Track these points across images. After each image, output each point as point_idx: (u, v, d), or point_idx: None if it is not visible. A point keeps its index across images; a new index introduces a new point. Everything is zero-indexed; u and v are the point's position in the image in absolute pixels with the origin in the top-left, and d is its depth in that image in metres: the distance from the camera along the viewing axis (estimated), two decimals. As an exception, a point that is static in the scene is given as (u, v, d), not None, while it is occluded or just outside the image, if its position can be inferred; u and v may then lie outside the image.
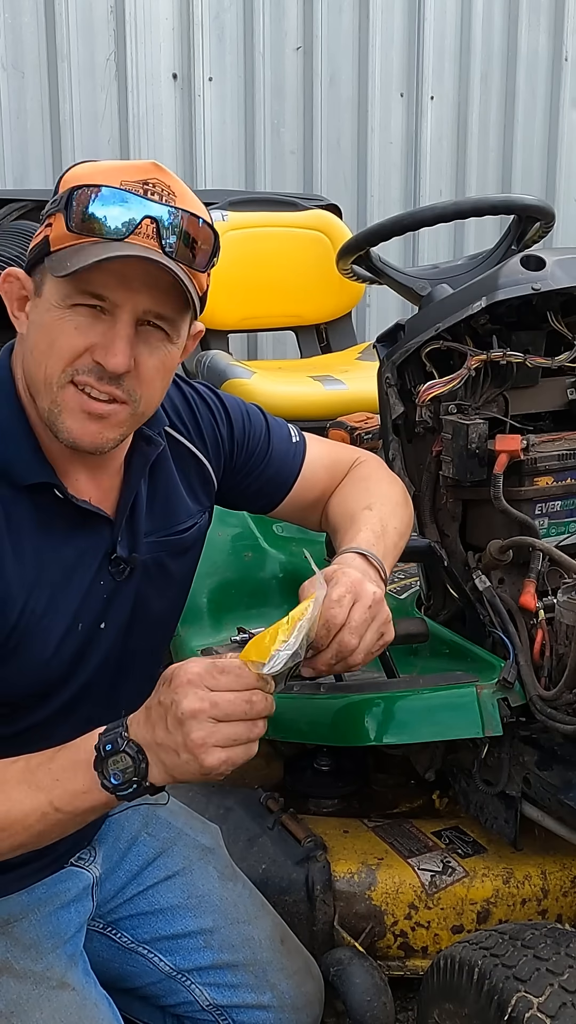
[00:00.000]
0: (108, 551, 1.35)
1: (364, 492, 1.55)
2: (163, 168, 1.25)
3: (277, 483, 1.60)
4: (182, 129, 3.65)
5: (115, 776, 1.15)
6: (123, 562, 1.36)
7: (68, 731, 1.24)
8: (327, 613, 1.24)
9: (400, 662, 1.79)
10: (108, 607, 1.37)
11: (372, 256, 1.99)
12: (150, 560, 1.41)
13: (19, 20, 3.33)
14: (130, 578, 1.38)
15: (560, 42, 4.40)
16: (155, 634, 1.48)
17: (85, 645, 1.35)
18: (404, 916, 1.83)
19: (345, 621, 1.24)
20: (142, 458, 1.39)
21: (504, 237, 2.03)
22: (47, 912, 1.47)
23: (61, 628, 1.31)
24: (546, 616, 1.66)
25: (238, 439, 1.54)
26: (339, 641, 1.25)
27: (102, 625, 1.37)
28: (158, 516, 1.43)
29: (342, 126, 3.98)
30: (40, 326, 1.24)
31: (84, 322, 1.21)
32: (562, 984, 1.32)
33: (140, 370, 1.25)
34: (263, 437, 1.57)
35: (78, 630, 1.34)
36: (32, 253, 1.26)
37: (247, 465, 1.56)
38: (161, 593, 1.45)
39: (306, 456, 1.61)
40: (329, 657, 1.25)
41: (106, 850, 1.59)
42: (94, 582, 1.34)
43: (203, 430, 1.51)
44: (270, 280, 3.13)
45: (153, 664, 1.49)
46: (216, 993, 1.57)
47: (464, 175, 4.33)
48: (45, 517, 1.29)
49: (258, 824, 1.91)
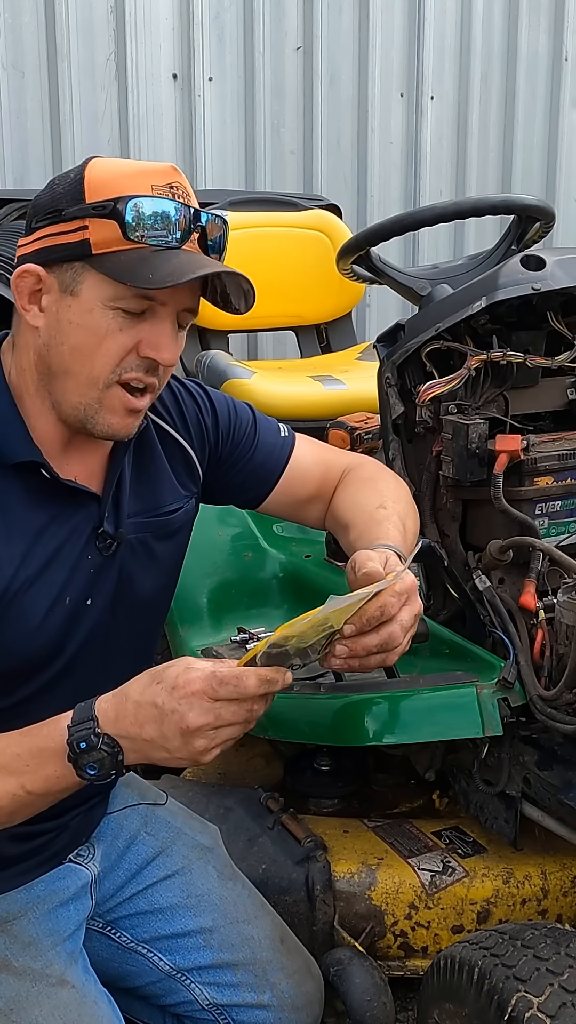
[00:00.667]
0: (95, 526, 1.39)
1: (374, 491, 1.56)
2: (179, 170, 1.32)
3: (263, 474, 1.62)
4: (182, 129, 3.65)
5: (91, 767, 1.20)
6: (109, 537, 1.40)
7: (54, 707, 1.26)
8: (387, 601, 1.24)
9: (400, 662, 1.77)
10: (94, 583, 1.40)
11: (372, 256, 1.99)
12: (136, 540, 1.45)
13: (19, 20, 3.33)
14: (116, 554, 1.42)
15: (560, 42, 4.40)
16: (141, 614, 1.50)
17: (71, 620, 1.38)
18: (404, 916, 1.83)
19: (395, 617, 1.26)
20: None
21: (504, 237, 2.03)
22: (46, 910, 1.47)
23: (47, 602, 1.34)
24: (546, 616, 1.66)
25: (223, 429, 1.58)
26: (389, 632, 1.26)
27: (88, 601, 1.40)
28: (144, 497, 1.47)
29: (342, 126, 3.98)
30: (80, 326, 1.28)
31: (127, 321, 1.28)
32: (562, 984, 1.32)
33: None
34: (249, 428, 1.61)
35: (65, 604, 1.36)
36: (59, 251, 1.28)
37: (233, 455, 1.59)
38: (147, 573, 1.47)
39: (295, 451, 1.63)
40: (374, 643, 1.26)
41: (104, 848, 1.59)
42: (81, 557, 1.38)
43: (188, 419, 1.55)
44: (270, 280, 3.12)
45: (141, 645, 1.52)
46: (216, 992, 1.57)
47: (464, 175, 4.33)
48: (34, 495, 1.34)
49: (258, 824, 1.91)
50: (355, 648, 1.25)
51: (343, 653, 1.25)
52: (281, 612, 2.29)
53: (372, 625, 1.24)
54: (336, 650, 1.25)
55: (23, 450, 1.32)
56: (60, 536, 1.36)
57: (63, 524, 1.36)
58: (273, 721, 1.88)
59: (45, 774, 1.22)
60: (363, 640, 1.25)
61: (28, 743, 1.23)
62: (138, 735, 1.18)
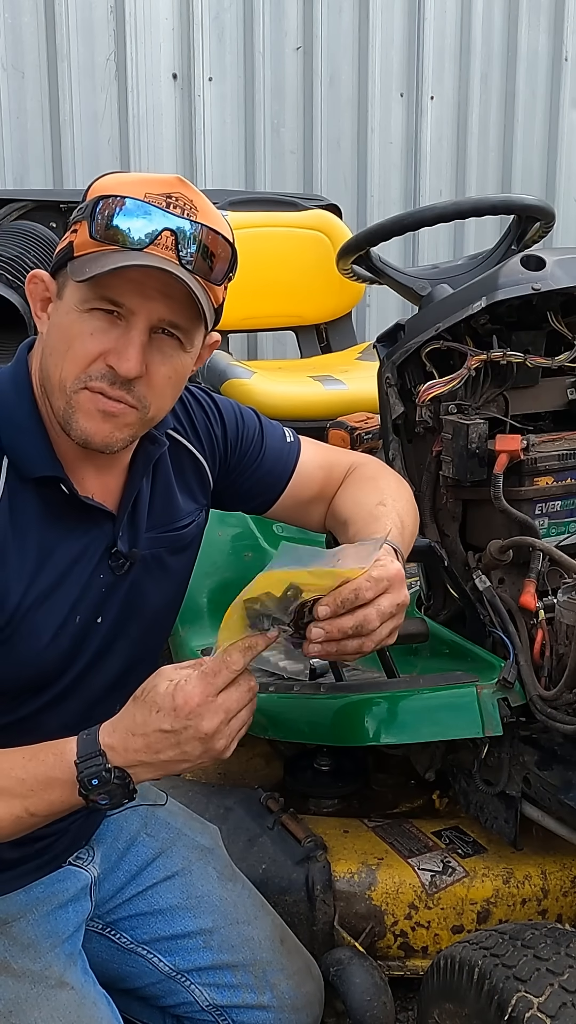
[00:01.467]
0: (109, 545, 1.38)
1: (375, 490, 1.56)
2: (187, 183, 1.28)
3: (271, 481, 1.61)
4: (182, 129, 3.66)
5: (103, 799, 1.22)
6: (123, 556, 1.39)
7: (60, 721, 1.27)
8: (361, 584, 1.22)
9: (400, 662, 1.79)
10: (105, 601, 1.39)
11: (372, 256, 1.99)
12: (149, 555, 1.43)
13: (19, 20, 3.33)
14: (129, 573, 1.40)
15: (560, 42, 4.41)
16: (151, 629, 1.49)
17: (81, 638, 1.37)
18: (404, 916, 1.83)
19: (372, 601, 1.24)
20: (146, 457, 1.42)
21: (504, 237, 2.03)
22: (45, 911, 1.47)
23: (57, 620, 1.33)
24: (546, 616, 1.66)
25: (232, 438, 1.57)
26: (364, 615, 1.23)
27: (99, 620, 1.39)
28: (158, 513, 1.46)
29: (342, 126, 3.98)
30: (59, 328, 1.28)
31: (100, 327, 1.25)
32: (562, 984, 1.32)
33: (152, 377, 1.28)
34: (256, 436, 1.60)
35: (75, 622, 1.35)
36: (57, 257, 1.30)
37: (241, 463, 1.58)
38: (158, 588, 1.47)
39: (300, 455, 1.63)
40: (349, 624, 1.23)
41: (104, 850, 1.59)
42: (93, 575, 1.36)
43: (199, 430, 1.54)
44: (270, 280, 3.12)
45: (149, 657, 1.51)
46: (216, 993, 1.57)
47: (464, 175, 4.33)
48: (50, 511, 1.32)
49: (258, 824, 1.91)
50: (331, 630, 1.22)
51: (319, 636, 1.22)
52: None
53: (345, 608, 1.22)
54: (312, 634, 1.23)
55: (44, 464, 1.31)
56: (73, 553, 1.34)
57: (76, 541, 1.35)
58: (273, 721, 1.88)
59: (50, 799, 1.23)
60: (338, 622, 1.22)
61: (33, 769, 1.23)
62: (156, 759, 1.20)
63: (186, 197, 1.26)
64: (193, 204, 1.26)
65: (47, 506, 1.32)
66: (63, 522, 1.33)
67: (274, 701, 1.90)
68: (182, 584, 1.54)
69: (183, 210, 1.25)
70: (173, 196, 1.25)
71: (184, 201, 1.26)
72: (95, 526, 1.36)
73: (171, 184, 1.27)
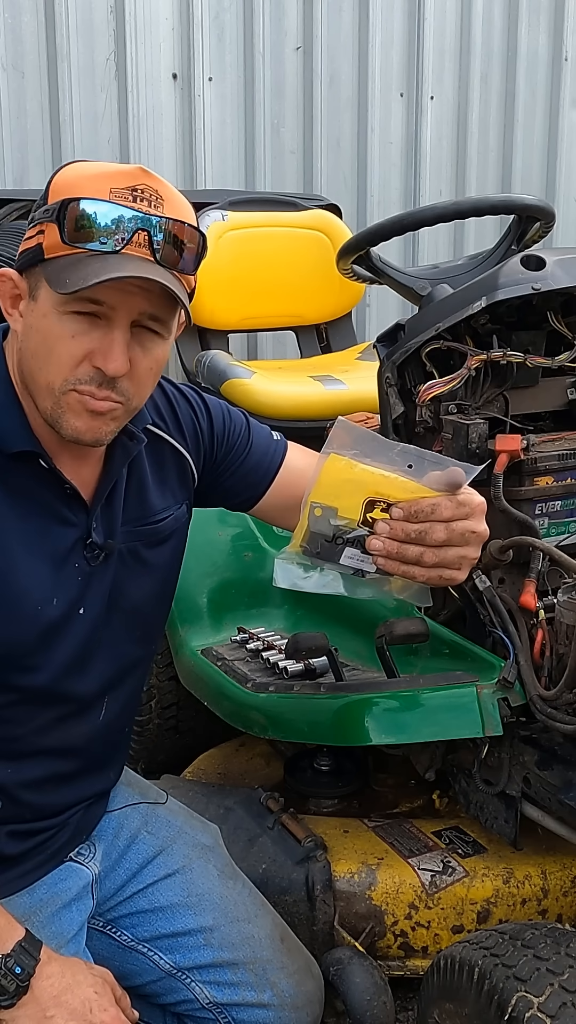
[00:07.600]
0: (83, 536, 1.39)
1: None
2: (150, 172, 1.28)
3: (256, 478, 1.62)
4: (182, 129, 3.65)
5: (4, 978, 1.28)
6: (98, 547, 1.40)
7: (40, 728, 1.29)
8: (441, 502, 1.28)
9: (400, 662, 1.79)
10: (85, 591, 1.40)
11: (372, 256, 1.99)
12: (125, 548, 1.45)
13: (19, 20, 3.33)
14: (106, 564, 1.42)
15: (560, 42, 4.40)
16: (137, 622, 1.50)
17: (60, 624, 1.37)
18: (404, 916, 1.83)
19: (448, 520, 1.28)
20: (124, 452, 1.43)
21: (504, 237, 2.03)
22: (49, 914, 1.47)
23: (37, 594, 1.34)
24: (546, 616, 1.66)
25: (218, 433, 1.58)
26: (432, 526, 1.28)
27: (81, 610, 1.40)
28: (133, 506, 1.47)
29: (342, 126, 3.98)
30: (37, 331, 1.28)
31: (81, 328, 1.25)
32: (562, 984, 1.32)
33: (135, 370, 1.29)
34: (243, 432, 1.61)
35: (53, 604, 1.36)
36: (25, 255, 1.30)
37: (227, 459, 1.60)
38: (139, 581, 1.48)
39: (287, 455, 1.64)
40: (413, 528, 1.28)
41: (105, 847, 1.59)
42: (68, 562, 1.38)
43: (183, 425, 1.55)
44: (270, 280, 3.12)
45: (139, 652, 1.52)
46: (216, 991, 1.57)
47: (464, 175, 4.33)
48: (28, 485, 1.34)
49: (258, 824, 1.91)
50: (395, 529, 1.28)
51: (384, 531, 1.28)
52: (281, 612, 2.29)
53: (419, 519, 1.27)
54: (378, 527, 1.28)
55: (23, 439, 1.32)
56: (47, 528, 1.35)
57: (52, 517, 1.36)
58: (273, 721, 1.88)
59: None
60: (404, 524, 1.28)
61: None
62: None
63: (151, 188, 1.26)
64: (158, 194, 1.27)
65: (25, 480, 1.33)
66: (40, 497, 1.35)
67: (274, 701, 1.90)
68: (166, 579, 1.55)
69: (150, 203, 1.25)
70: (138, 189, 1.25)
71: (150, 192, 1.26)
72: (69, 511, 1.37)
73: (134, 176, 1.26)
